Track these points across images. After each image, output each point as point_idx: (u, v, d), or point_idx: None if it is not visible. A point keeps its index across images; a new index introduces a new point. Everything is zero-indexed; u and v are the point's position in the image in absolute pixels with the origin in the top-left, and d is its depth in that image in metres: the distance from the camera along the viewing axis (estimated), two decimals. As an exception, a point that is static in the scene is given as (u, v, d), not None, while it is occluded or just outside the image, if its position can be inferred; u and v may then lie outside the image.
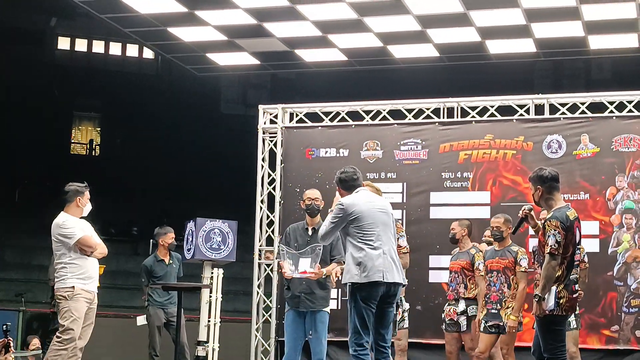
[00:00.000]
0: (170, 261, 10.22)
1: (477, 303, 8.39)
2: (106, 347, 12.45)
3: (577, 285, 6.28)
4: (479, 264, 8.39)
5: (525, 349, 7.89)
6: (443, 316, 8.66)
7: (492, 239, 8.47)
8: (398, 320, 8.32)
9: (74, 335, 7.12)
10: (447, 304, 8.66)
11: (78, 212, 7.39)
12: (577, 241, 6.20)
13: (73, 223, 7.30)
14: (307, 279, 7.49)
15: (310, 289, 7.56)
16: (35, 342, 12.52)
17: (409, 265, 8.05)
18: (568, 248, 6.09)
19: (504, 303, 8.09)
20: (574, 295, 6.20)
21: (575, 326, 8.29)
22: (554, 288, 6.01)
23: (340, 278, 6.92)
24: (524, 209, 6.52)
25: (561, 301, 6.04)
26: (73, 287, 7.17)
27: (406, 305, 8.56)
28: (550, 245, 6.02)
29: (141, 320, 10.18)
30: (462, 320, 8.45)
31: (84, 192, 7.42)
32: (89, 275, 7.29)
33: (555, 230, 6.03)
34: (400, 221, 9.73)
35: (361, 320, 6.22)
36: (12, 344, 9.40)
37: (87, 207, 7.46)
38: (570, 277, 6.13)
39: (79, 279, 7.21)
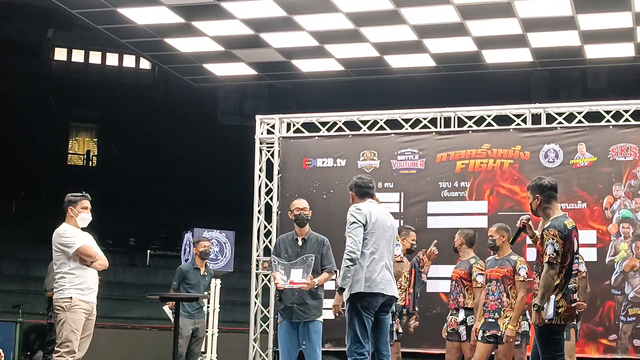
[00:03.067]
0: (205, 272, 10.14)
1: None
2: (102, 358, 12.39)
3: (575, 295, 6.28)
4: (476, 275, 8.35)
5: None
6: (445, 325, 8.64)
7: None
8: (395, 329, 8.34)
9: (72, 348, 7.08)
10: (449, 313, 8.63)
11: (76, 222, 7.36)
12: (575, 250, 6.21)
13: (73, 233, 7.28)
14: (299, 290, 7.48)
15: (302, 299, 7.56)
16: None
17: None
18: (566, 257, 6.09)
19: (502, 312, 8.06)
20: (573, 305, 6.19)
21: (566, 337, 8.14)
22: (552, 297, 6.01)
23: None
24: (522, 219, 6.51)
25: (560, 310, 6.03)
26: (71, 297, 7.13)
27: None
28: (549, 255, 6.03)
29: (168, 310, 9.99)
30: (462, 330, 8.41)
31: (76, 201, 7.35)
32: (88, 286, 7.25)
33: (553, 239, 6.03)
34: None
35: (362, 329, 6.27)
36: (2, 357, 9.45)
37: (84, 217, 7.37)
38: (569, 286, 6.13)
39: (78, 289, 7.17)
